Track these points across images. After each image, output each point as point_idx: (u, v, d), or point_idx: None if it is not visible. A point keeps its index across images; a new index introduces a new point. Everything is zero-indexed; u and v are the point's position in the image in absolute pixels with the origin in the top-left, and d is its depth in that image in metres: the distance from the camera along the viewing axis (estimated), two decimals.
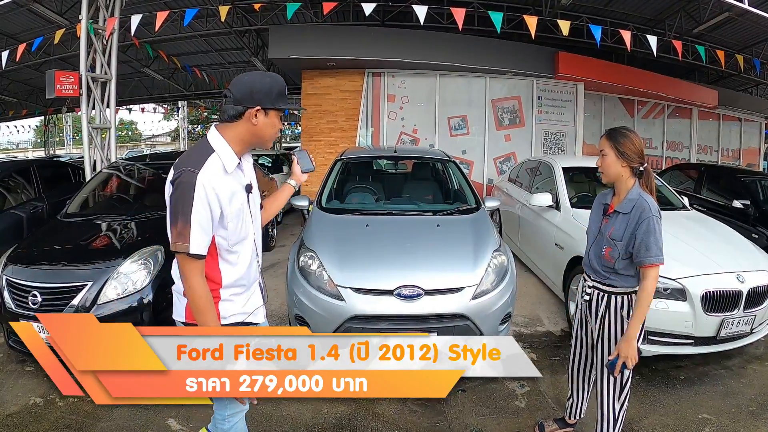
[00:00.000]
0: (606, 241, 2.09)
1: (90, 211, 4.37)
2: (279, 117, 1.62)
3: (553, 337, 3.77)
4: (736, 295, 3.09)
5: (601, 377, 2.16)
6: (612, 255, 2.06)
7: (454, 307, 2.79)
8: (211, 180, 1.50)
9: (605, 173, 2.11)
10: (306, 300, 2.91)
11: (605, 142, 2.09)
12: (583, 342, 2.33)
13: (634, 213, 2.01)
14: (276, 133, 1.63)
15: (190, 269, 1.51)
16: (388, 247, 3.13)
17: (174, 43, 12.01)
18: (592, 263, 2.18)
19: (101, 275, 3.16)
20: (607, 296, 2.13)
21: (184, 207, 1.46)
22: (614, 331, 2.10)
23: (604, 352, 2.13)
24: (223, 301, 1.64)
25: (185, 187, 1.47)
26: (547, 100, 9.82)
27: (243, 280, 1.68)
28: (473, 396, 2.91)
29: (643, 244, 1.97)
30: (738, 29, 9.64)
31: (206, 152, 1.54)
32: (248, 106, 1.54)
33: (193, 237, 1.46)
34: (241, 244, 1.64)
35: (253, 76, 1.58)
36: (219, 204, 1.51)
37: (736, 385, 3.12)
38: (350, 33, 8.76)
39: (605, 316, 2.12)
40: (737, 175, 6.27)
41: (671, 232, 3.50)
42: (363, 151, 5.24)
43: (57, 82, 5.72)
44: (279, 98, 1.59)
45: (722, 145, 13.25)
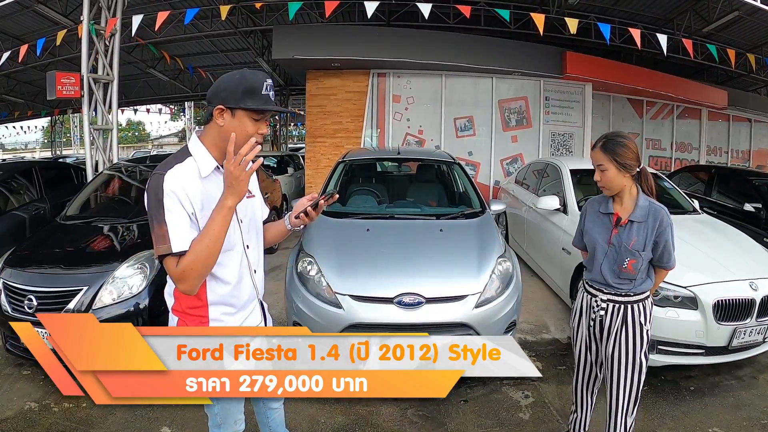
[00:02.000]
0: (628, 253, 1.97)
1: (89, 213, 4.34)
2: (252, 119, 1.43)
3: (559, 344, 3.66)
4: (749, 304, 2.98)
5: (617, 392, 2.05)
6: (636, 267, 1.96)
7: (456, 316, 2.70)
8: (180, 180, 1.40)
9: (608, 188, 1.99)
10: (304, 307, 2.84)
11: (601, 156, 1.95)
12: (587, 360, 2.21)
13: (651, 221, 1.95)
14: (249, 136, 1.41)
15: (179, 270, 1.38)
16: (388, 253, 3.05)
17: (180, 44, 12.03)
18: (605, 278, 2.04)
19: (97, 279, 3.12)
20: (623, 307, 2.02)
21: (157, 210, 1.37)
22: (633, 341, 2.01)
23: (621, 365, 2.02)
24: (213, 321, 1.54)
25: (154, 190, 1.39)
26: (554, 101, 9.69)
27: (232, 298, 1.56)
28: (475, 407, 2.83)
29: (666, 252, 1.97)
30: (748, 28, 9.48)
31: (182, 157, 1.46)
32: (213, 105, 1.44)
33: (173, 235, 1.36)
34: (225, 255, 1.49)
35: (226, 75, 1.46)
36: (192, 206, 1.41)
37: (748, 396, 3.01)
38: (355, 33, 8.70)
39: (622, 328, 2.02)
40: (749, 178, 6.14)
41: (682, 237, 3.40)
42: (365, 153, 5.16)
43: (58, 83, 5.70)
44: (247, 96, 1.40)
45: (732, 147, 13.04)
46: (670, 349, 2.98)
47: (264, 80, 1.44)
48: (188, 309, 1.53)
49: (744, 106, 12.98)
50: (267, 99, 1.44)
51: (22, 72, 13.23)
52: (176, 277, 1.40)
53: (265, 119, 1.49)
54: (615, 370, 2.05)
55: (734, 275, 3.09)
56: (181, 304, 1.54)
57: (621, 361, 2.02)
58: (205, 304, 1.52)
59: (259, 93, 1.42)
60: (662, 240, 1.95)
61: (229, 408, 1.68)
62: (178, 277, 1.39)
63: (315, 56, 8.24)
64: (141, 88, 17.26)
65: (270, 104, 1.44)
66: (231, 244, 1.51)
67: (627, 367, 2.02)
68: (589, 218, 2.13)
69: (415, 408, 2.81)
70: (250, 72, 1.46)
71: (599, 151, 1.96)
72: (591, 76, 9.42)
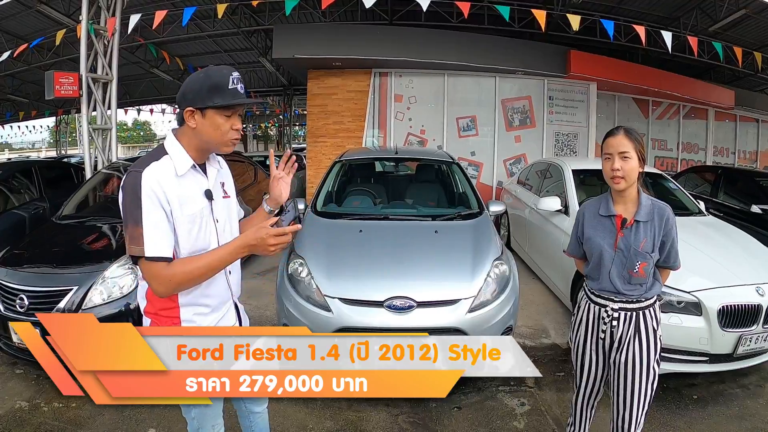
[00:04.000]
0: (639, 255, 1.84)
1: (85, 213, 4.35)
2: (223, 116, 1.40)
3: (559, 350, 3.57)
4: (756, 309, 2.87)
5: (631, 402, 1.91)
6: (647, 270, 1.85)
7: (448, 321, 2.62)
8: (158, 178, 1.37)
9: (627, 179, 1.80)
10: (293, 310, 2.78)
11: (627, 142, 1.79)
12: (593, 375, 2.05)
13: (657, 220, 1.85)
14: (224, 134, 1.41)
15: (156, 276, 1.37)
16: (380, 255, 2.98)
17: (183, 44, 12.05)
18: (615, 285, 1.89)
19: (87, 279, 3.11)
20: (636, 314, 1.89)
21: (132, 209, 1.34)
22: (647, 348, 1.88)
23: (635, 375, 1.89)
24: (184, 322, 1.50)
25: (132, 188, 1.35)
26: (558, 100, 9.56)
27: (206, 299, 1.52)
28: (469, 414, 2.75)
29: (673, 251, 1.89)
30: (755, 27, 9.32)
31: (158, 155, 1.44)
32: (183, 107, 1.41)
33: (148, 238, 1.34)
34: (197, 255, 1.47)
35: (191, 75, 1.43)
36: (169, 204, 1.38)
37: (753, 405, 2.91)
38: (356, 32, 8.62)
39: (635, 336, 1.89)
40: (756, 179, 6.01)
41: (686, 239, 3.30)
42: (363, 152, 5.08)
43: (56, 83, 5.69)
44: (214, 94, 1.37)
45: (739, 147, 12.87)
46: (673, 357, 2.87)
47: (229, 74, 1.40)
48: (160, 310, 1.51)
49: (751, 106, 12.81)
50: (235, 93, 1.40)
51: (26, 72, 13.31)
52: (156, 280, 1.38)
53: (238, 114, 1.45)
54: (629, 380, 1.91)
55: (740, 280, 2.99)
56: (154, 306, 1.52)
57: (636, 371, 1.89)
58: (176, 305, 1.49)
59: (226, 88, 1.39)
60: (669, 239, 1.85)
61: (206, 412, 1.65)
62: (161, 281, 1.38)
63: (316, 55, 8.17)
64: (145, 88, 17.34)
65: (239, 98, 1.41)
66: (205, 244, 1.49)
67: (641, 376, 1.89)
68: (588, 223, 1.96)
69: (406, 414, 2.74)
70: (214, 69, 1.42)
71: (624, 137, 1.80)
72: (596, 75, 9.29)
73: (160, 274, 1.37)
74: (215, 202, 1.52)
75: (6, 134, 26.49)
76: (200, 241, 1.47)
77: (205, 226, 1.48)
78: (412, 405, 2.82)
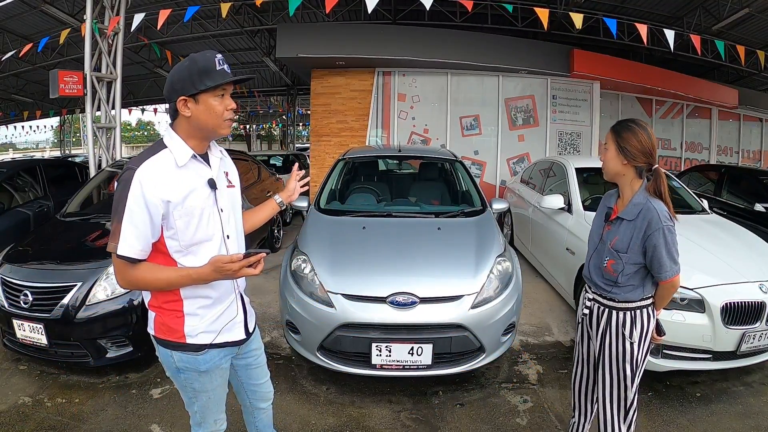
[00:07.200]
0: (608, 252, 1.86)
1: (89, 210, 4.36)
2: (216, 97, 1.42)
3: (562, 348, 3.56)
4: (759, 307, 2.85)
5: (603, 398, 1.96)
6: (615, 268, 1.82)
7: (451, 317, 2.61)
8: (153, 175, 1.38)
9: (604, 169, 1.94)
10: (297, 306, 2.78)
11: (609, 134, 1.90)
12: (584, 359, 2.13)
13: (640, 221, 1.76)
14: (219, 116, 1.44)
15: (120, 271, 1.42)
16: (383, 252, 2.97)
17: (187, 43, 12.07)
18: (591, 275, 1.96)
19: (91, 275, 3.11)
20: (608, 311, 1.91)
21: (118, 205, 1.37)
22: (615, 350, 1.88)
23: (605, 372, 1.93)
24: (188, 315, 1.51)
25: (122, 185, 1.37)
26: (562, 100, 9.54)
27: (209, 290, 1.52)
28: (471, 411, 2.74)
29: (656, 260, 1.75)
30: (759, 26, 9.29)
31: (157, 149, 1.45)
32: (174, 100, 1.42)
33: (123, 237, 1.36)
34: (201, 245, 1.48)
35: (175, 67, 1.44)
36: (162, 200, 1.38)
37: (756, 403, 2.88)
38: (359, 31, 8.62)
39: (606, 333, 1.91)
40: (759, 177, 5.99)
41: (689, 237, 3.31)
42: (367, 151, 5.07)
43: (60, 82, 5.72)
44: (202, 78, 1.39)
45: (743, 146, 12.80)
46: (675, 354, 2.87)
47: (214, 57, 1.42)
48: (163, 303, 1.52)
49: (755, 106, 12.75)
50: (223, 73, 1.42)
51: (31, 72, 13.38)
52: (119, 275, 1.43)
53: (230, 93, 1.47)
54: (599, 377, 1.96)
55: (743, 277, 2.97)
56: (157, 299, 1.53)
57: (605, 370, 1.92)
58: (179, 298, 1.50)
59: (214, 70, 1.41)
60: (650, 245, 1.74)
61: (208, 407, 1.66)
62: (122, 277, 1.43)
63: (319, 55, 8.18)
64: (149, 88, 17.38)
65: (228, 77, 1.43)
66: (206, 235, 1.49)
67: (611, 376, 1.91)
68: (598, 211, 2.07)
69: (408, 410, 2.74)
70: (198, 55, 1.43)
71: (610, 130, 1.91)
72: (599, 74, 9.26)
73: (124, 272, 1.41)
74: (219, 191, 1.53)
75: (10, 134, 26.59)
76: (201, 232, 1.47)
77: (209, 216, 1.48)
78: (414, 401, 2.82)
